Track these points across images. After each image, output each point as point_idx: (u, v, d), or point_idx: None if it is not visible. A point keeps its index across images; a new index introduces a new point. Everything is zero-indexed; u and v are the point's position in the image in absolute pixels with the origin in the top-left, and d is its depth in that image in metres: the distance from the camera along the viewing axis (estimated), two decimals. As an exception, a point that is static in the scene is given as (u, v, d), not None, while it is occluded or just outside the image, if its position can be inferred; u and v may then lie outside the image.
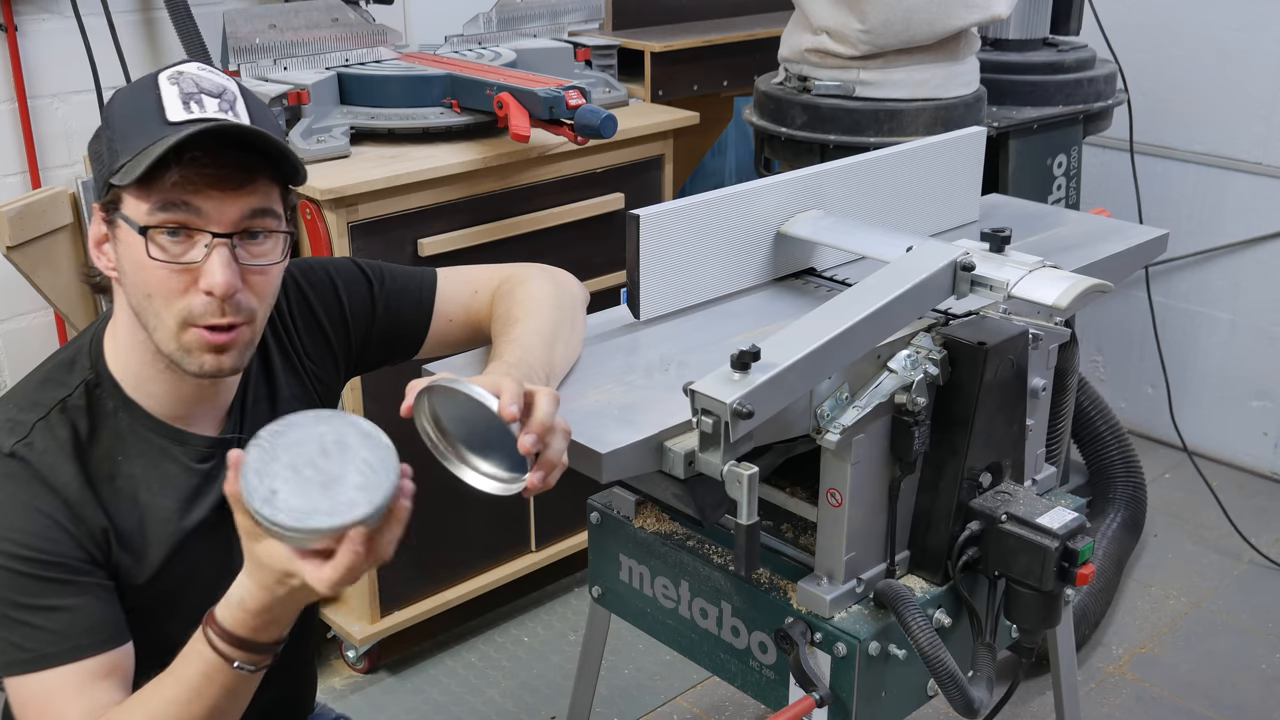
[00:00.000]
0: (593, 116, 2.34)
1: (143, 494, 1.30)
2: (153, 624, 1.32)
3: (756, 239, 1.74)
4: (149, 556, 1.30)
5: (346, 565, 1.09)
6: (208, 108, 1.23)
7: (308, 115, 2.42)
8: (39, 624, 1.22)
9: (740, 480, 1.25)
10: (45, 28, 2.61)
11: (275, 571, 1.12)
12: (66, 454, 1.27)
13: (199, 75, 1.26)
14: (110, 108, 1.28)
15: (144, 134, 1.21)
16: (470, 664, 2.76)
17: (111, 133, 1.25)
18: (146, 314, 1.26)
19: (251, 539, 1.14)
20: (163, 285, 1.24)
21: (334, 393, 1.54)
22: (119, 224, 1.24)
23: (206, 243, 1.23)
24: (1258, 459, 3.60)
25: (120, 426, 1.31)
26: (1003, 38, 2.91)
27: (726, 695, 2.66)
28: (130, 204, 1.23)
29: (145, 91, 1.25)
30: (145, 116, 1.23)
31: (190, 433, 1.34)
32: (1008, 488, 1.51)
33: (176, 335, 1.25)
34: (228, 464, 1.13)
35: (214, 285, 1.23)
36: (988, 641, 1.50)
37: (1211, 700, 2.67)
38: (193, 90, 1.24)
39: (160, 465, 1.32)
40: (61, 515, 1.25)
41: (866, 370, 1.43)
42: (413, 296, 1.57)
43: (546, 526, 2.85)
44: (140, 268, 1.24)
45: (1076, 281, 1.47)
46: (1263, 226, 3.43)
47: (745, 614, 1.57)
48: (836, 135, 2.58)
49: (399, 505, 1.13)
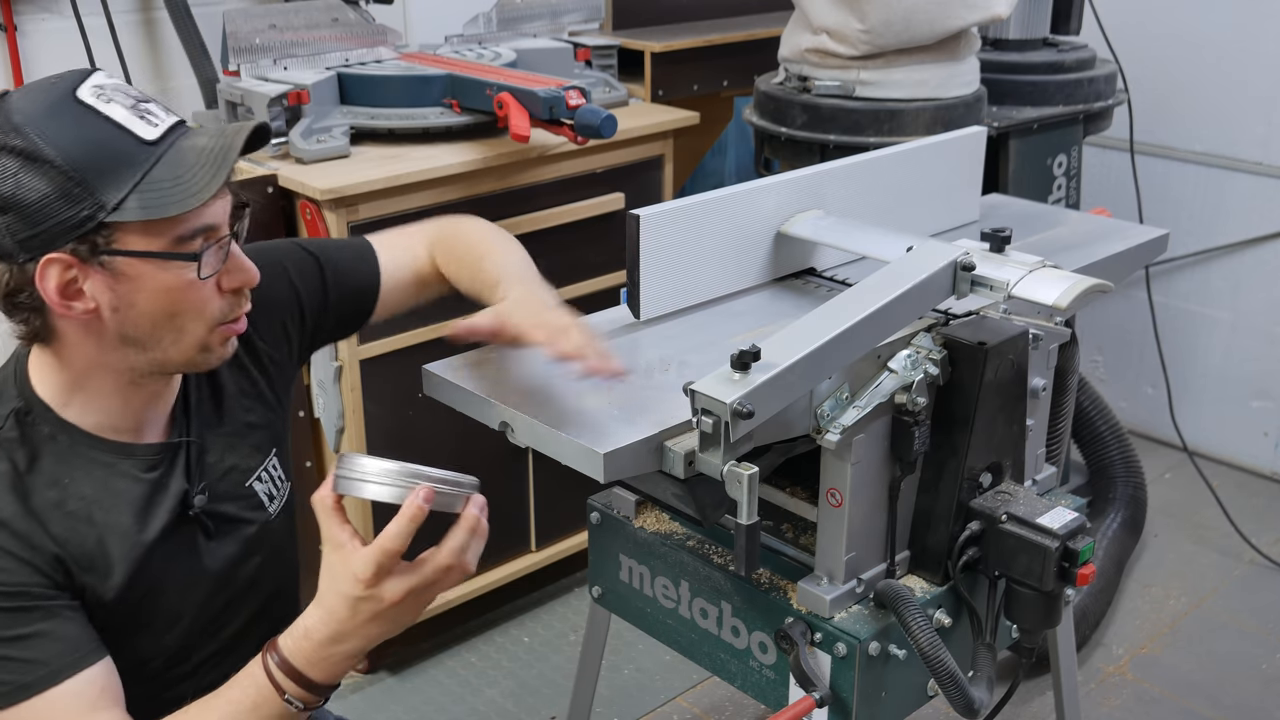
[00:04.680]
0: (593, 116, 2.34)
1: (97, 513, 1.27)
2: (125, 640, 1.30)
3: (756, 239, 1.74)
4: (114, 574, 1.27)
5: (459, 544, 1.18)
6: (159, 115, 1.21)
7: (308, 115, 2.42)
8: (14, 655, 1.19)
9: (740, 480, 1.25)
10: (45, 28, 2.61)
11: (353, 579, 1.15)
12: (6, 487, 1.23)
13: (114, 84, 1.21)
14: (34, 142, 1.12)
15: (129, 163, 1.16)
16: (470, 664, 2.75)
17: (71, 171, 1.13)
18: (161, 334, 1.23)
19: (333, 548, 1.17)
20: (194, 301, 1.23)
21: (287, 375, 1.53)
22: (115, 261, 1.17)
23: (223, 245, 1.24)
24: (1258, 459, 3.60)
25: (60, 449, 1.26)
26: (1003, 38, 2.91)
27: (726, 695, 2.66)
28: (137, 238, 1.17)
29: (83, 118, 1.15)
30: (112, 144, 1.16)
31: (134, 444, 1.31)
32: (1008, 488, 1.51)
33: (202, 342, 1.26)
34: (313, 504, 1.17)
35: (247, 281, 1.27)
36: (988, 641, 1.50)
37: (1211, 700, 2.67)
38: (130, 103, 1.19)
39: (109, 482, 1.29)
40: (13, 546, 1.21)
41: (867, 370, 1.43)
42: (358, 270, 1.58)
43: (546, 526, 2.85)
44: (165, 293, 1.20)
45: (1077, 281, 1.47)
46: (1263, 226, 3.43)
47: (745, 614, 1.57)
48: (836, 135, 2.58)
49: (479, 519, 1.19)
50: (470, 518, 1.19)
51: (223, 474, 1.40)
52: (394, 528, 1.14)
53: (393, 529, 1.14)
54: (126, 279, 1.19)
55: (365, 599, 1.16)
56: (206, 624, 1.38)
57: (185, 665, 1.38)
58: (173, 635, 1.35)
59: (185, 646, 1.37)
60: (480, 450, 2.63)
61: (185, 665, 1.38)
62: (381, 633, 1.19)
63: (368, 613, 1.17)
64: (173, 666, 1.36)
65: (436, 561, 1.17)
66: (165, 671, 1.36)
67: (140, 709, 1.27)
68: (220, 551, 1.39)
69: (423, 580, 1.17)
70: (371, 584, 1.15)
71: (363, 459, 1.15)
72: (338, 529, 1.17)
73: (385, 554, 1.14)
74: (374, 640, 1.20)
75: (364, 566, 1.14)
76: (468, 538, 1.19)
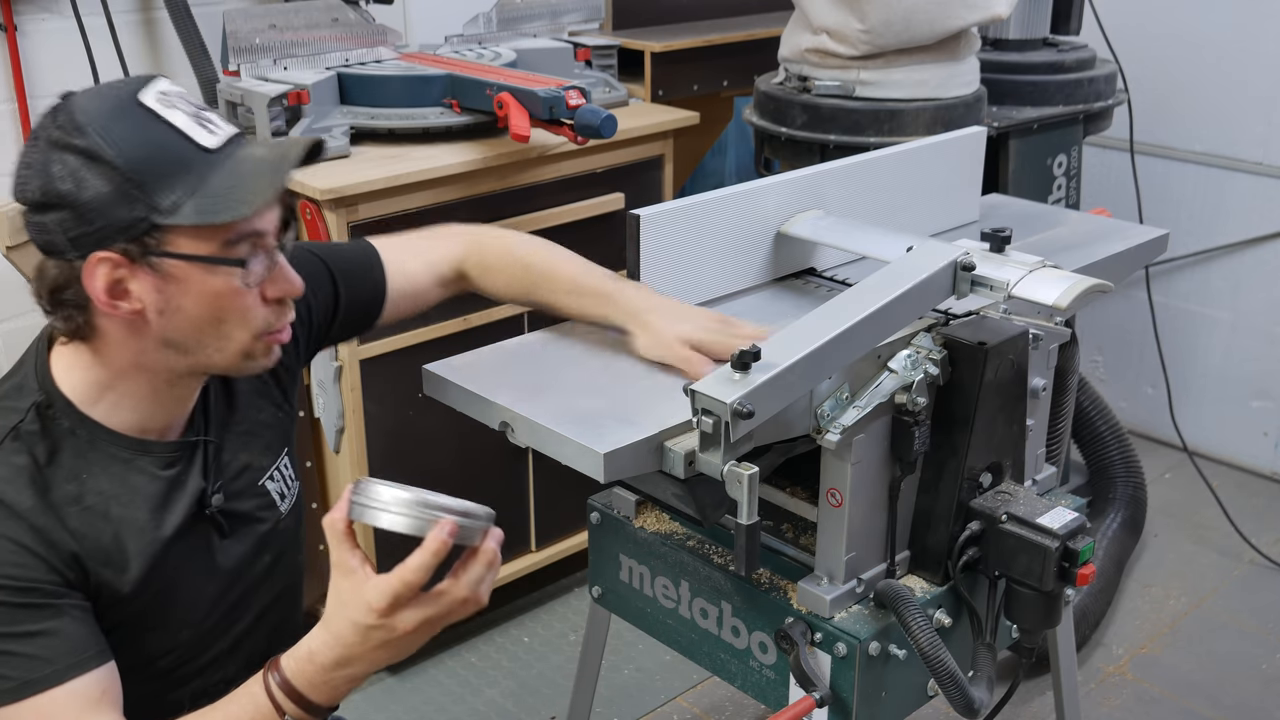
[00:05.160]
0: (593, 116, 2.34)
1: (114, 509, 1.28)
2: (137, 637, 1.31)
3: (756, 239, 1.74)
4: (130, 570, 1.28)
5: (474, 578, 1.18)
6: (220, 125, 1.23)
7: (308, 115, 2.42)
8: (20, 651, 1.19)
9: (740, 480, 1.25)
10: (45, 28, 2.61)
11: (366, 608, 1.14)
12: (25, 480, 1.23)
13: (178, 90, 1.23)
14: (96, 142, 1.15)
15: (187, 168, 1.18)
16: (470, 664, 2.76)
17: (130, 172, 1.15)
18: (206, 340, 1.24)
19: (343, 574, 1.16)
20: (239, 308, 1.24)
21: (294, 376, 1.54)
22: (164, 263, 1.18)
23: (270, 253, 1.25)
24: (1258, 459, 3.60)
25: (80, 444, 1.27)
26: (1003, 38, 2.91)
27: (726, 695, 2.66)
28: (187, 241, 1.18)
29: (146, 121, 1.18)
30: (172, 149, 1.18)
31: (153, 441, 1.32)
32: (1008, 488, 1.51)
33: (246, 349, 1.27)
34: (324, 527, 1.17)
35: (291, 291, 1.28)
36: (988, 641, 1.50)
37: (1211, 700, 2.67)
38: (192, 111, 1.21)
39: (127, 478, 1.29)
40: (29, 540, 1.21)
41: (867, 370, 1.43)
42: (366, 281, 1.58)
43: (546, 526, 2.85)
44: (211, 298, 1.21)
45: (1077, 281, 1.47)
46: (1263, 226, 3.43)
47: (745, 614, 1.57)
48: (836, 135, 2.58)
49: (493, 550, 1.19)
50: (489, 552, 1.19)
51: (237, 473, 1.40)
52: (416, 560, 1.13)
53: (414, 562, 1.13)
54: (174, 281, 1.20)
55: (377, 627, 1.15)
56: (218, 621, 1.39)
57: (193, 664, 1.38)
58: (184, 633, 1.35)
59: (195, 645, 1.37)
60: (480, 450, 2.64)
61: (193, 664, 1.38)
62: (388, 658, 1.19)
63: (378, 640, 1.16)
64: (181, 665, 1.37)
65: (453, 595, 1.17)
66: (173, 670, 1.36)
67: (145, 710, 1.27)
68: (233, 550, 1.39)
69: (438, 613, 1.17)
70: (386, 614, 1.14)
71: (379, 487, 1.14)
72: (348, 554, 1.16)
73: (405, 585, 1.14)
74: (380, 665, 1.19)
75: (379, 596, 1.14)
76: (485, 571, 1.19)
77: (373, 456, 2.49)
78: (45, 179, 1.16)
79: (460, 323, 2.52)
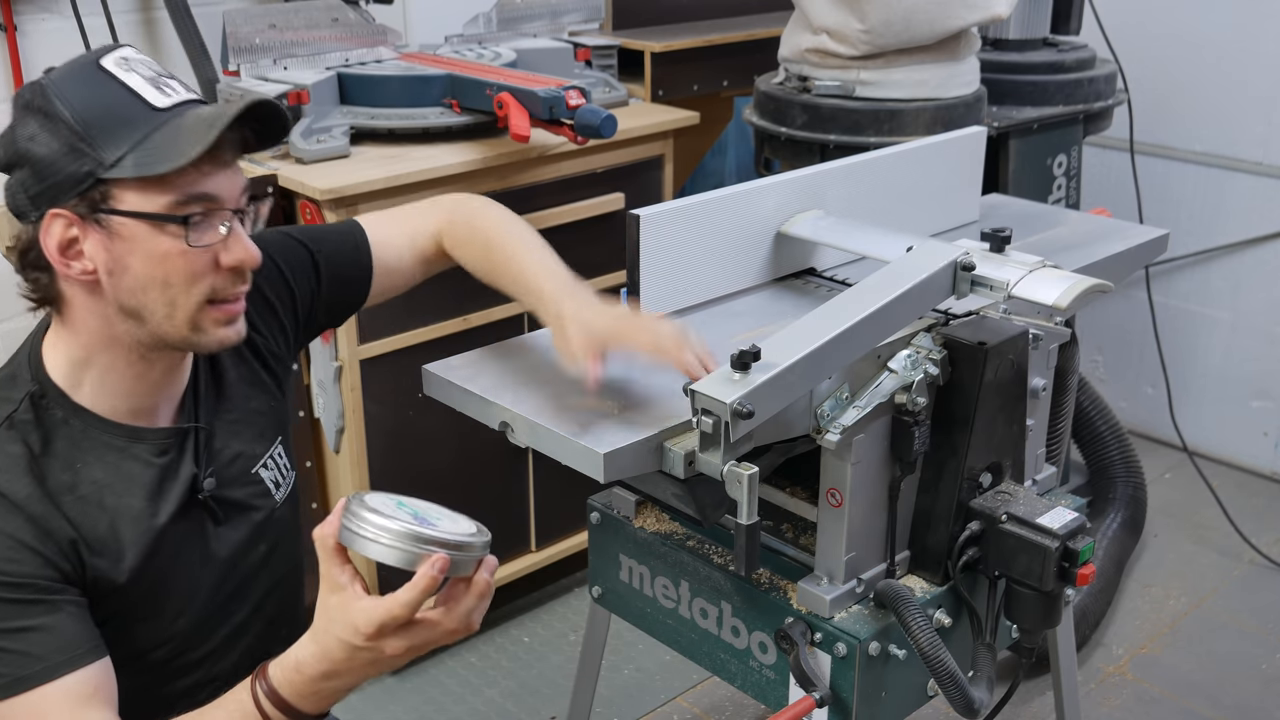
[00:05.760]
0: (593, 116, 2.34)
1: (109, 498, 1.28)
2: (133, 627, 1.31)
3: (756, 239, 1.74)
4: (125, 558, 1.28)
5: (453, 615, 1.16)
6: (177, 89, 1.24)
7: (308, 115, 2.42)
8: (13, 647, 1.19)
9: (740, 480, 1.25)
10: (45, 27, 2.61)
11: (353, 629, 1.13)
12: (21, 469, 1.24)
13: (141, 58, 1.25)
14: (53, 103, 1.19)
15: (133, 124, 1.19)
16: (470, 664, 2.76)
17: (80, 128, 1.18)
18: (154, 304, 1.24)
19: (332, 589, 1.15)
20: (185, 270, 1.23)
21: (285, 364, 1.53)
22: (111, 220, 1.20)
23: (225, 221, 1.24)
24: (1258, 459, 3.60)
25: (73, 433, 1.28)
26: (1003, 38, 2.91)
27: (726, 695, 2.66)
28: (134, 197, 1.19)
29: (102, 82, 1.21)
30: (122, 107, 1.20)
31: (145, 428, 1.32)
32: (1008, 488, 1.51)
33: (193, 317, 1.26)
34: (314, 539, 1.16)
35: (246, 260, 1.26)
36: (988, 641, 1.50)
37: (1211, 700, 2.67)
38: (151, 74, 1.23)
39: (121, 466, 1.30)
40: (26, 534, 1.21)
41: (866, 370, 1.43)
42: (350, 255, 1.57)
43: (546, 526, 2.85)
44: (159, 259, 1.21)
45: (1077, 281, 1.47)
46: (1263, 226, 3.43)
47: (745, 614, 1.57)
48: (836, 135, 2.58)
49: (485, 581, 1.17)
50: (481, 583, 1.17)
51: (230, 460, 1.40)
52: (405, 596, 1.12)
53: (404, 597, 1.12)
54: (121, 240, 1.21)
55: (364, 649, 1.14)
56: (214, 611, 1.39)
57: (189, 656, 1.38)
58: (180, 623, 1.35)
59: (191, 636, 1.37)
60: (480, 450, 2.64)
61: (189, 656, 1.38)
62: (377, 673, 1.19)
63: (365, 660, 1.16)
64: (176, 657, 1.36)
65: (443, 625, 1.16)
66: (169, 662, 1.36)
67: (139, 704, 1.27)
68: (229, 537, 1.39)
69: (425, 640, 1.16)
70: (372, 639, 1.13)
71: (370, 514, 1.12)
72: (338, 571, 1.15)
73: (391, 617, 1.12)
74: (368, 678, 1.19)
75: (367, 622, 1.12)
76: (477, 603, 1.18)
77: (373, 456, 2.49)
78: (11, 140, 1.21)
79: (460, 323, 2.52)
